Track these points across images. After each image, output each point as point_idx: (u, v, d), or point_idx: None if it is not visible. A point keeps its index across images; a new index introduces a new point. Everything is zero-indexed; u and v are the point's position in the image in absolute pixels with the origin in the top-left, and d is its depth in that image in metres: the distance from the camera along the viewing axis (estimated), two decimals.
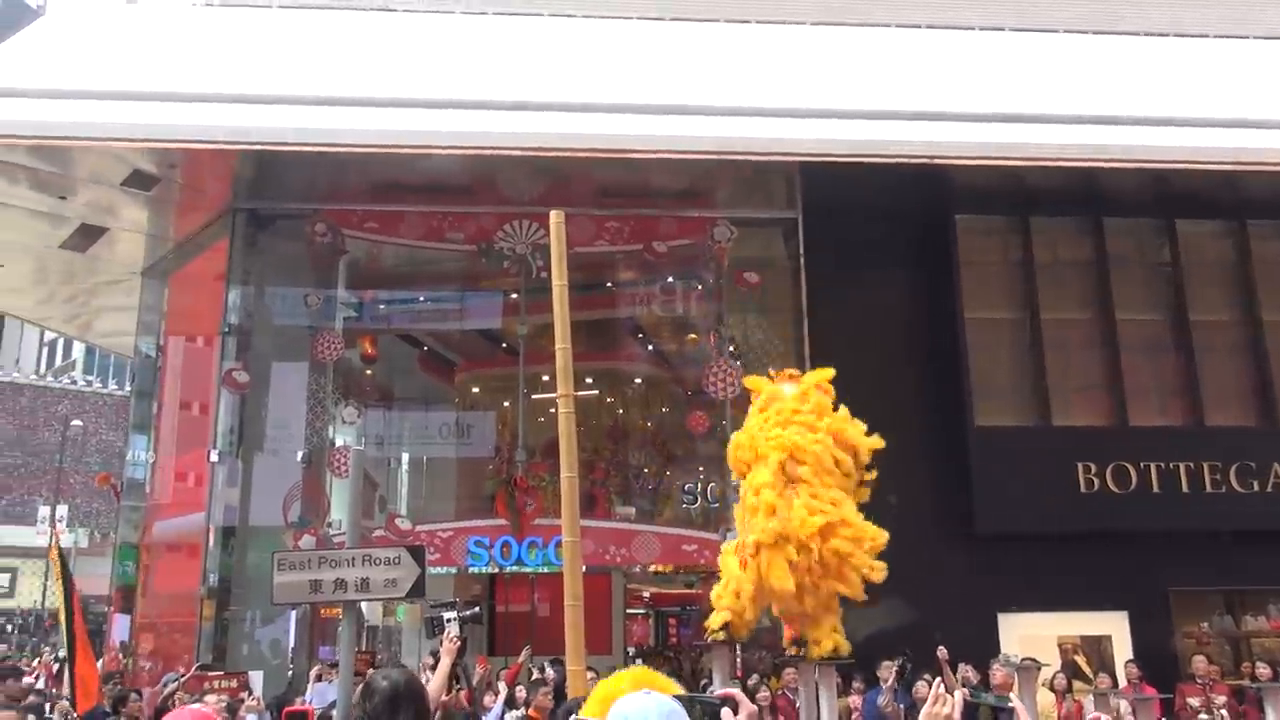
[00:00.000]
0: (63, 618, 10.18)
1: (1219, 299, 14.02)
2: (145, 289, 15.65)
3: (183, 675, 9.73)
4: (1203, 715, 9.82)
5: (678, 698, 2.58)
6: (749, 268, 14.03)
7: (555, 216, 5.17)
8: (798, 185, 13.36)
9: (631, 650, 16.30)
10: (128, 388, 27.13)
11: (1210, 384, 13.48)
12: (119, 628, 15.10)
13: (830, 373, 6.23)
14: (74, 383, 41.33)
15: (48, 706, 9.97)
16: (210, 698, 8.30)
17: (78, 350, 44.03)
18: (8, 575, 35.26)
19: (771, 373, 7.00)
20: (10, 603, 34.42)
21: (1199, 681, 10.48)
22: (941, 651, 9.92)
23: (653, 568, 14.84)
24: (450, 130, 11.47)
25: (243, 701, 8.85)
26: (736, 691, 2.45)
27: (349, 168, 12.64)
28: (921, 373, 13.38)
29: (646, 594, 18.64)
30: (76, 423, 37.44)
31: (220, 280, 13.59)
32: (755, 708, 2.44)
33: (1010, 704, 2.50)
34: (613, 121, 11.69)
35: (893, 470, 12.57)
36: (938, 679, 8.57)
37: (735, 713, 2.37)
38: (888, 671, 9.80)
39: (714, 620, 5.42)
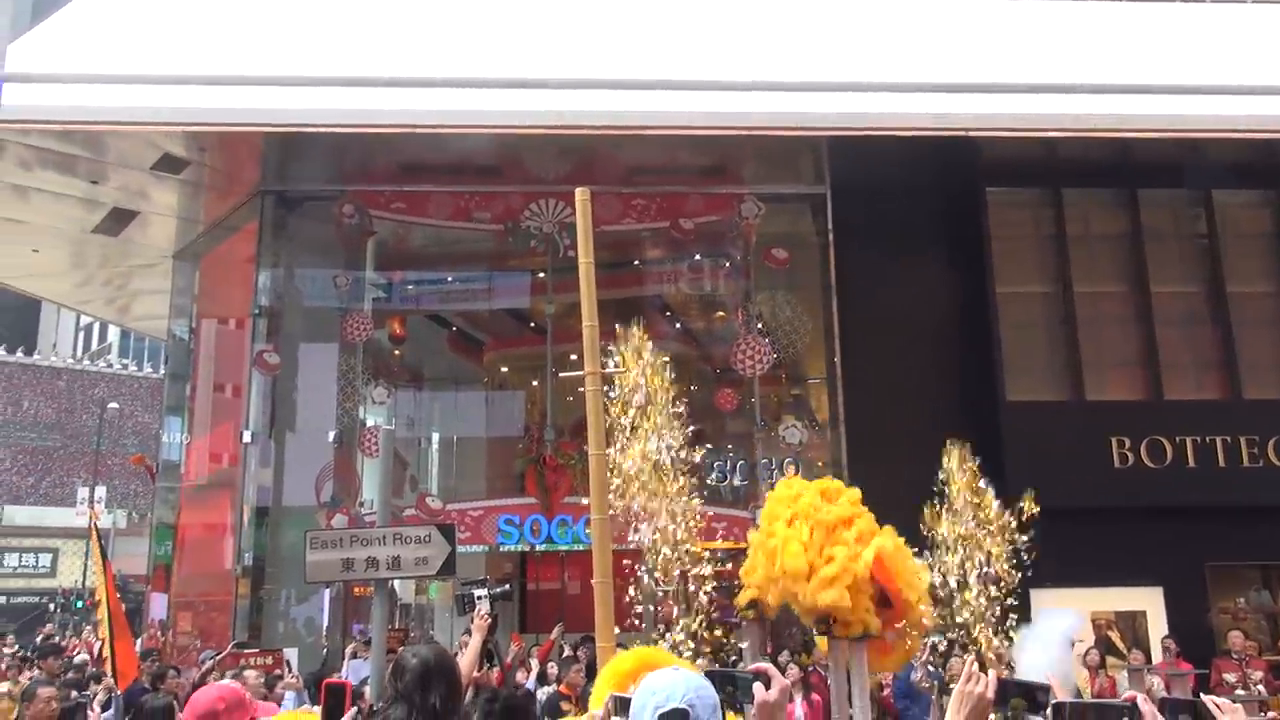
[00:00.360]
0: (102, 597, 10.37)
1: (1257, 270, 13.78)
2: (177, 272, 15.81)
3: (219, 653, 9.87)
4: (1239, 690, 9.73)
5: (709, 673, 2.57)
6: (777, 244, 13.93)
7: (581, 194, 5.15)
8: (825, 160, 13.24)
9: (662, 627, 16.33)
10: (162, 370, 27.48)
11: (1248, 357, 13.27)
12: (157, 606, 15.34)
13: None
14: (110, 366, 41.87)
15: (91, 683, 10.18)
16: (249, 673, 8.42)
17: (114, 334, 44.59)
18: (49, 556, 35.92)
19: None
20: (52, 582, 35.08)
21: (1235, 657, 10.38)
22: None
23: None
24: (476, 109, 11.45)
25: (280, 677, 8.97)
26: (769, 666, 2.44)
27: (376, 148, 12.67)
28: (952, 347, 13.25)
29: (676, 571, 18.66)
30: (113, 405, 37.95)
31: (250, 263, 13.70)
32: (788, 682, 2.43)
33: (1046, 681, 2.46)
34: (638, 98, 11.61)
35: (926, 446, 12.51)
36: (971, 656, 8.52)
37: (767, 687, 2.36)
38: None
39: (742, 598, 5.40)
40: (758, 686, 2.37)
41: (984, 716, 2.35)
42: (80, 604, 31.13)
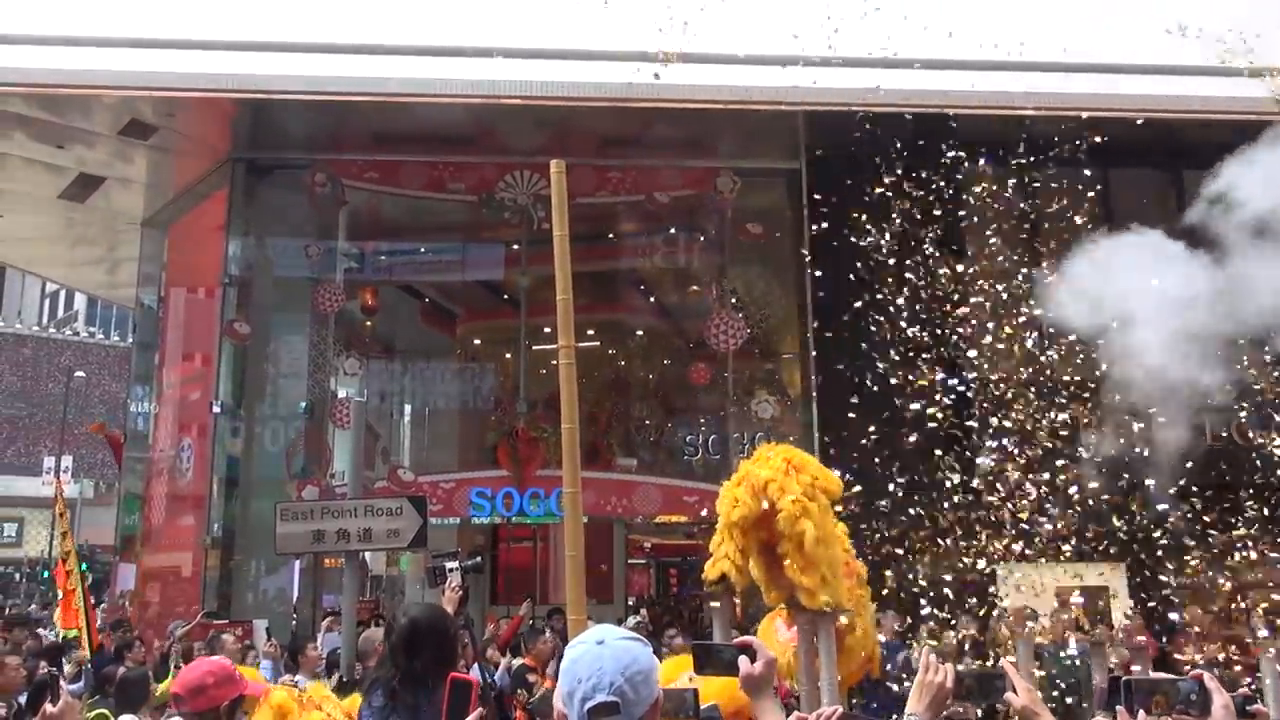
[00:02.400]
0: (75, 566, 10.31)
1: None
2: (145, 239, 15.62)
3: (189, 623, 9.84)
4: (1197, 657, 9.93)
5: (696, 646, 2.59)
6: (752, 219, 13.93)
7: (555, 166, 5.09)
8: (802, 134, 13.22)
9: (632, 600, 16.44)
10: (130, 339, 27.17)
11: None
12: (124, 576, 15.24)
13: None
14: (76, 334, 41.36)
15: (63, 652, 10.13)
16: (226, 637, 8.43)
17: (80, 302, 44.00)
18: (14, 525, 35.57)
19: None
20: (18, 552, 34.75)
21: (1193, 631, 10.59)
22: None
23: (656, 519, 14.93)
24: (452, 78, 11.34)
25: (250, 648, 8.96)
26: (755, 640, 2.46)
27: (349, 117, 12.52)
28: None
29: (648, 545, 18.77)
30: (80, 374, 37.48)
31: (220, 231, 13.54)
32: (773, 655, 2.43)
33: (1001, 669, 2.53)
34: (615, 69, 11.53)
35: (895, 423, 12.59)
36: (926, 649, 8.58)
37: (753, 661, 2.39)
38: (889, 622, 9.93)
39: (711, 571, 5.37)
40: (743, 660, 2.40)
41: (943, 705, 2.40)
42: (47, 574, 30.86)
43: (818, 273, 13.15)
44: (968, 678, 2.54)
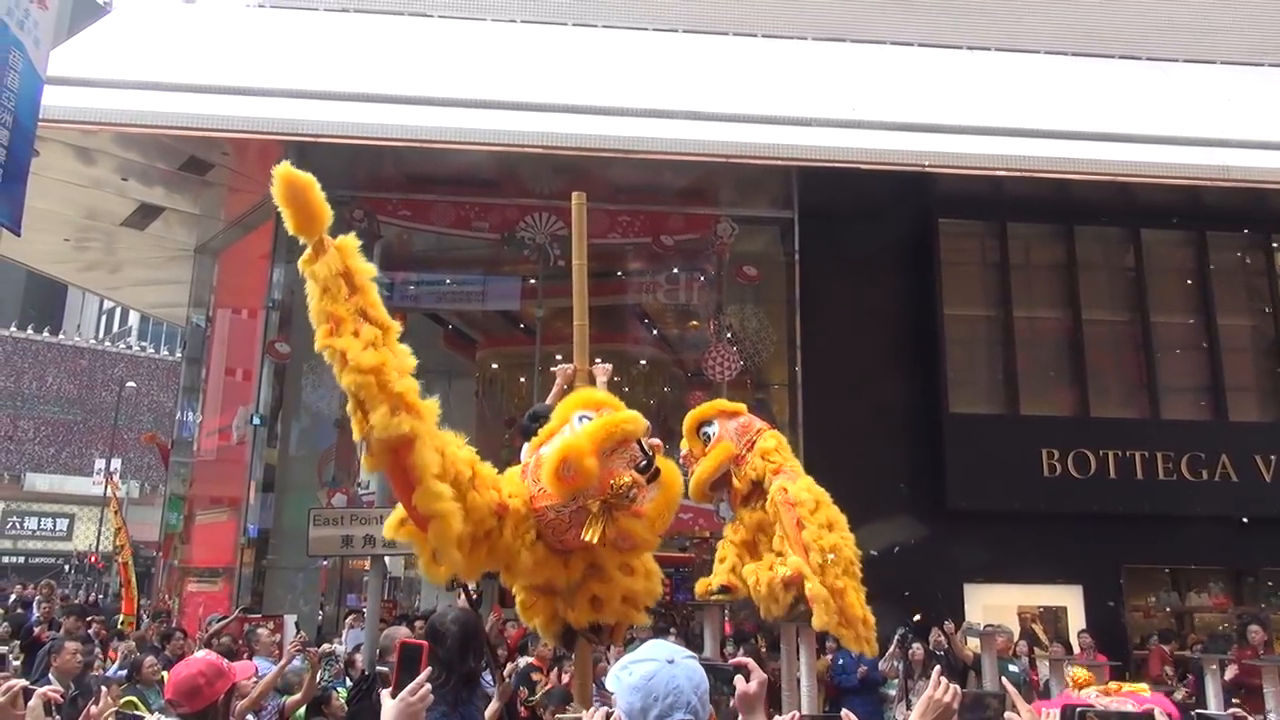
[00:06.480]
0: (129, 558, 10.27)
1: (1177, 302, 13.99)
2: (197, 264, 15.71)
3: (225, 617, 9.82)
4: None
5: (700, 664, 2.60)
6: (748, 262, 14.01)
7: (577, 198, 5.12)
8: (795, 187, 13.33)
9: None
10: (179, 354, 27.23)
11: (1166, 380, 13.47)
12: (166, 571, 15.21)
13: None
14: (130, 348, 41.43)
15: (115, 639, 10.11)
16: (261, 631, 8.42)
17: (134, 318, 44.10)
18: (66, 520, 35.53)
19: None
20: (68, 545, 34.70)
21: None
22: (948, 626, 9.88)
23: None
24: (479, 128, 11.46)
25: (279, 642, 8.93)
26: (749, 660, 2.43)
27: (386, 160, 12.64)
28: (902, 362, 13.38)
29: None
30: (131, 384, 37.54)
31: (265, 259, 13.61)
32: (765, 676, 2.38)
33: (1003, 690, 2.49)
34: (628, 124, 11.66)
35: (875, 450, 12.64)
36: (937, 669, 8.44)
37: (748, 680, 2.38)
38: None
39: (713, 582, 5.28)
40: (739, 679, 2.36)
41: None
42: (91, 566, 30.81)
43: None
44: (968, 696, 2.49)
